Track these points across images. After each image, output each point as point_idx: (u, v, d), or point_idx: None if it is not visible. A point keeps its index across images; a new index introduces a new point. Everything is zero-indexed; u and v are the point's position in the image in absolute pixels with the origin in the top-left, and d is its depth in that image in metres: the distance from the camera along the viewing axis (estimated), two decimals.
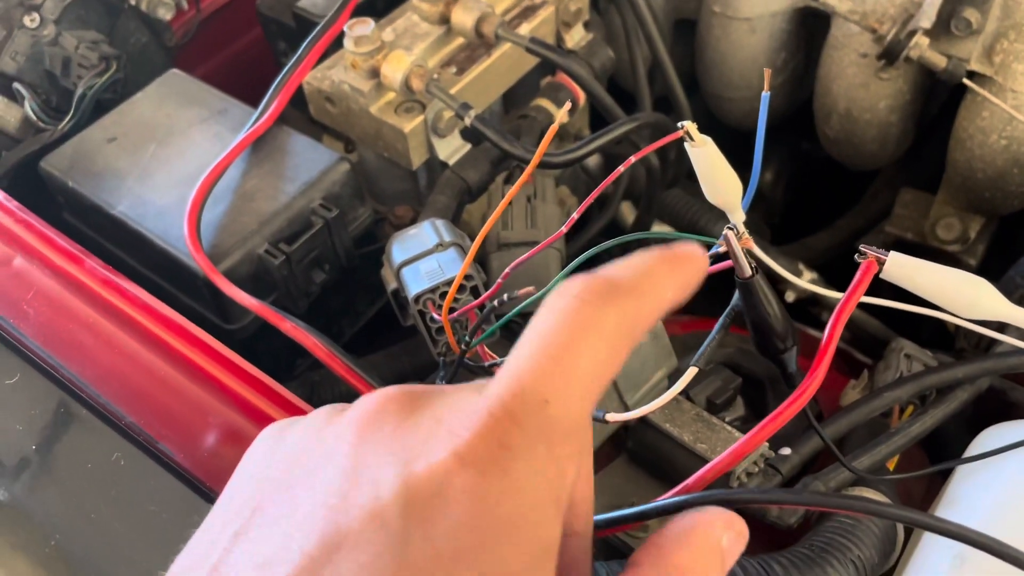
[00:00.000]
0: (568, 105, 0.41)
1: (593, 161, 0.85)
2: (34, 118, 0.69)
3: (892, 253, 0.34)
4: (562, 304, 0.26)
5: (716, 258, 0.36)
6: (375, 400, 0.27)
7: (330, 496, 0.24)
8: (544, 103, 0.75)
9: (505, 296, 0.46)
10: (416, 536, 0.23)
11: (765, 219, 1.04)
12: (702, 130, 0.37)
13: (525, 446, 0.24)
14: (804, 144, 1.01)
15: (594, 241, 0.80)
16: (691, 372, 0.36)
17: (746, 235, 0.35)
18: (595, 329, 0.26)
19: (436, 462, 0.24)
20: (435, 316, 0.50)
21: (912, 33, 0.72)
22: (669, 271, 0.29)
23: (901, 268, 0.34)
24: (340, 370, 0.50)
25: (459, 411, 0.25)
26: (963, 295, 0.34)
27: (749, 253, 0.36)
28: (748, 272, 0.33)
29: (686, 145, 0.39)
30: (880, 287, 0.35)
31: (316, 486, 0.25)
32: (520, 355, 0.25)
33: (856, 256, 0.34)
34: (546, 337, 0.25)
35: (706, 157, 0.40)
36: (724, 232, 0.34)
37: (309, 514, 0.24)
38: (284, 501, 0.25)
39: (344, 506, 0.24)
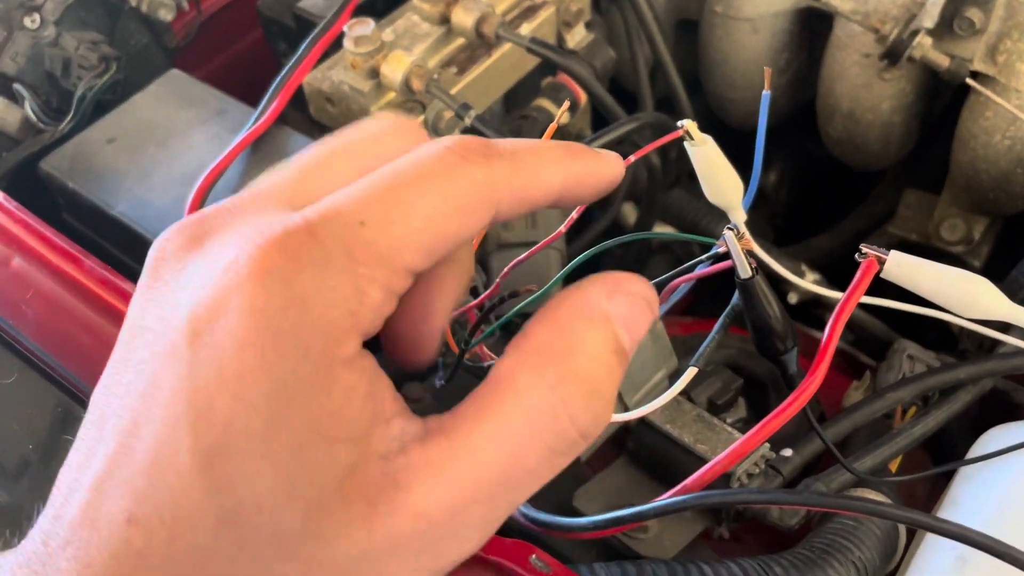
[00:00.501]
0: (567, 104, 0.41)
1: None
2: (34, 119, 0.69)
3: (893, 252, 0.33)
4: (425, 148, 0.25)
5: (716, 258, 0.36)
6: (155, 245, 0.26)
7: (137, 352, 0.24)
8: (545, 103, 0.75)
9: (506, 294, 0.46)
10: (203, 359, 0.22)
11: (768, 220, 1.03)
12: (704, 130, 0.37)
13: (317, 259, 0.23)
14: (808, 145, 1.01)
15: (595, 242, 0.80)
16: (690, 372, 0.35)
17: (747, 235, 0.35)
18: (450, 176, 0.24)
19: (227, 277, 0.23)
20: None
21: (915, 33, 0.72)
22: (561, 155, 0.27)
23: (901, 268, 0.34)
24: None
25: (252, 228, 0.24)
26: (963, 294, 0.34)
27: (749, 253, 0.36)
28: (748, 272, 0.33)
29: (686, 144, 0.39)
30: (883, 288, 0.34)
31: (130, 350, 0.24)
32: (352, 185, 0.24)
33: (856, 256, 0.33)
34: (389, 169, 0.24)
35: (706, 156, 0.40)
36: (724, 232, 0.34)
37: (122, 372, 0.24)
38: (106, 390, 0.25)
39: (149, 352, 0.23)
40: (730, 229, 0.34)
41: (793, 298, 0.80)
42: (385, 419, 0.23)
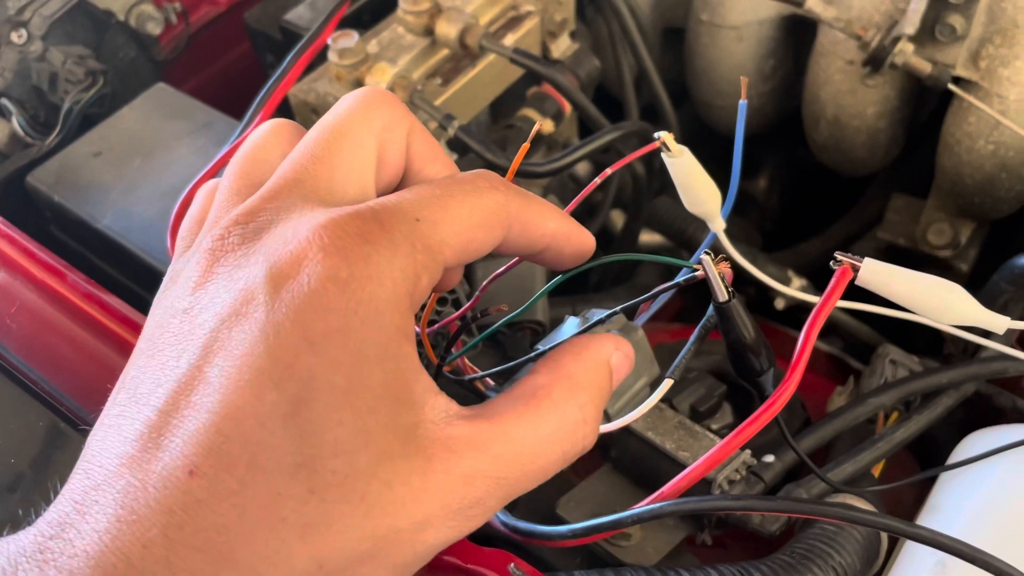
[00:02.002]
0: (538, 125, 0.41)
1: (582, 170, 0.85)
2: (21, 133, 0.69)
3: (867, 260, 0.34)
4: (465, 174, 0.31)
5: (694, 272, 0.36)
6: (205, 246, 0.28)
7: (206, 306, 0.26)
8: (530, 113, 0.75)
9: (478, 313, 0.46)
10: (283, 317, 0.25)
11: (758, 225, 1.04)
12: (692, 138, 0.37)
13: (387, 242, 0.26)
14: (797, 151, 1.01)
15: None
16: (666, 384, 0.36)
17: (728, 248, 0.35)
18: (481, 196, 0.29)
19: (299, 247, 0.26)
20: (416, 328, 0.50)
21: (896, 39, 0.72)
22: (559, 212, 0.32)
23: (875, 275, 0.34)
24: None
25: (323, 213, 0.27)
26: (938, 301, 0.34)
27: (729, 260, 0.36)
28: (725, 297, 0.34)
29: (663, 155, 0.39)
30: (869, 293, 0.35)
31: (195, 307, 0.27)
32: (408, 188, 0.29)
33: (831, 263, 0.34)
34: (439, 182, 0.30)
35: (683, 167, 0.40)
36: (701, 256, 0.34)
37: (190, 326, 0.26)
38: (164, 338, 0.27)
39: (213, 304, 0.26)
40: (708, 253, 0.34)
41: (780, 303, 0.81)
42: (434, 392, 0.27)
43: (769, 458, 0.53)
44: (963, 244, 0.83)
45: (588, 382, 0.30)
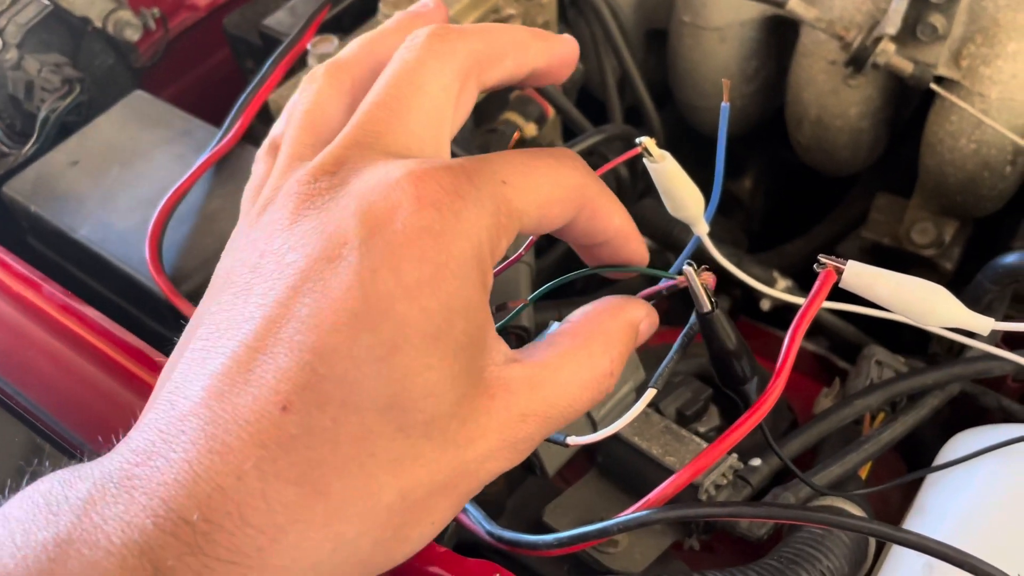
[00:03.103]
0: (517, 135, 0.41)
1: None
2: None
3: (850, 262, 0.33)
4: (551, 150, 0.32)
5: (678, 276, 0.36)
6: (305, 170, 0.29)
7: (295, 247, 0.27)
8: (513, 117, 0.74)
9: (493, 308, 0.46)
10: (381, 265, 0.26)
11: (744, 226, 1.04)
12: (676, 139, 0.37)
13: (477, 199, 0.27)
14: (782, 152, 1.02)
15: (569, 253, 0.80)
16: (649, 394, 0.35)
17: (707, 269, 0.35)
18: (562, 172, 0.31)
19: (392, 194, 0.27)
20: None
21: (878, 39, 0.72)
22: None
23: (859, 277, 0.34)
24: None
25: (414, 163, 0.28)
26: (921, 303, 0.34)
27: (711, 261, 0.36)
28: (707, 307, 0.34)
29: (645, 160, 0.39)
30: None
31: (287, 247, 0.28)
32: (497, 152, 0.30)
33: (815, 266, 0.33)
34: (527, 151, 0.31)
35: (665, 172, 0.40)
36: (684, 268, 0.34)
37: (277, 265, 0.27)
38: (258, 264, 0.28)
39: (303, 244, 0.27)
40: (690, 264, 0.34)
41: (766, 305, 0.81)
42: (497, 339, 0.29)
43: (756, 462, 0.52)
44: (947, 243, 0.83)
45: (619, 339, 0.32)
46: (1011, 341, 0.66)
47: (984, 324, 0.34)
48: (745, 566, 0.47)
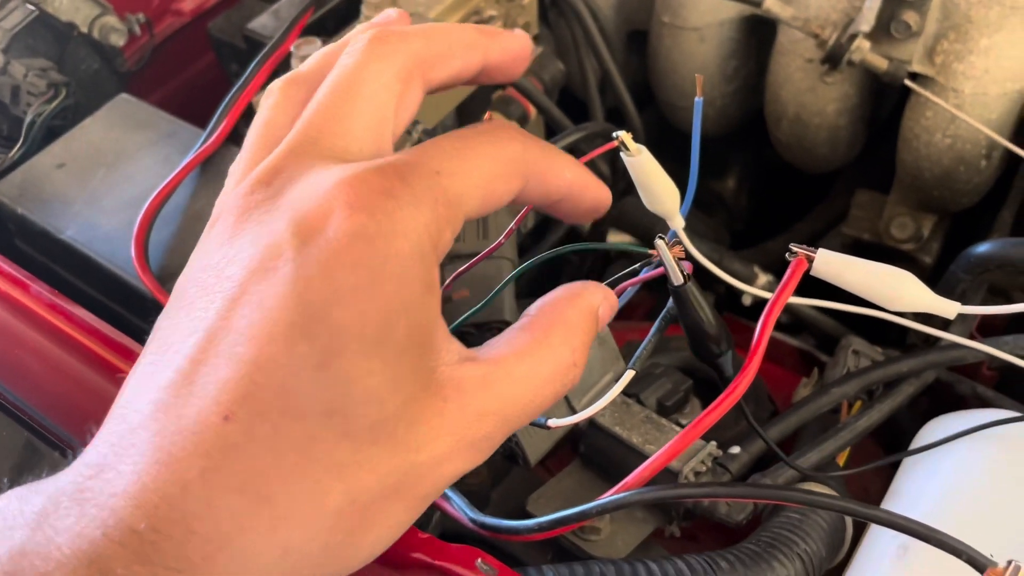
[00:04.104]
0: (488, 116, 0.42)
1: None
2: None
3: (820, 251, 0.34)
4: (480, 125, 0.32)
5: (658, 264, 0.37)
6: (244, 184, 0.29)
7: (232, 260, 0.27)
8: (496, 117, 0.75)
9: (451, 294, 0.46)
10: (311, 271, 0.26)
11: (727, 225, 1.05)
12: (658, 139, 0.38)
13: (411, 198, 0.27)
14: (765, 151, 1.03)
15: (561, 242, 0.81)
16: (628, 375, 0.36)
17: (683, 240, 0.36)
18: (497, 146, 0.31)
19: (324, 202, 0.27)
20: None
21: (853, 37, 0.74)
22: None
23: (829, 265, 0.35)
24: None
25: (345, 169, 0.28)
26: (889, 289, 0.35)
27: (688, 257, 0.37)
28: (680, 280, 0.35)
29: (622, 154, 0.40)
30: (831, 289, 0.35)
31: (223, 260, 0.28)
32: (426, 141, 0.30)
33: (787, 255, 0.34)
34: (454, 134, 0.30)
35: (641, 166, 0.40)
36: (656, 241, 0.35)
37: (217, 279, 0.27)
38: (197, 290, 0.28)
39: (240, 257, 0.27)
40: (661, 238, 0.35)
41: (747, 299, 0.82)
42: (448, 338, 0.29)
43: (735, 450, 0.53)
44: (926, 237, 0.85)
45: (579, 327, 0.32)
46: (986, 331, 0.67)
47: (951, 308, 0.35)
48: (724, 550, 0.48)
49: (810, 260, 0.35)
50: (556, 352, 0.31)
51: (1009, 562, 0.31)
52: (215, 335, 0.26)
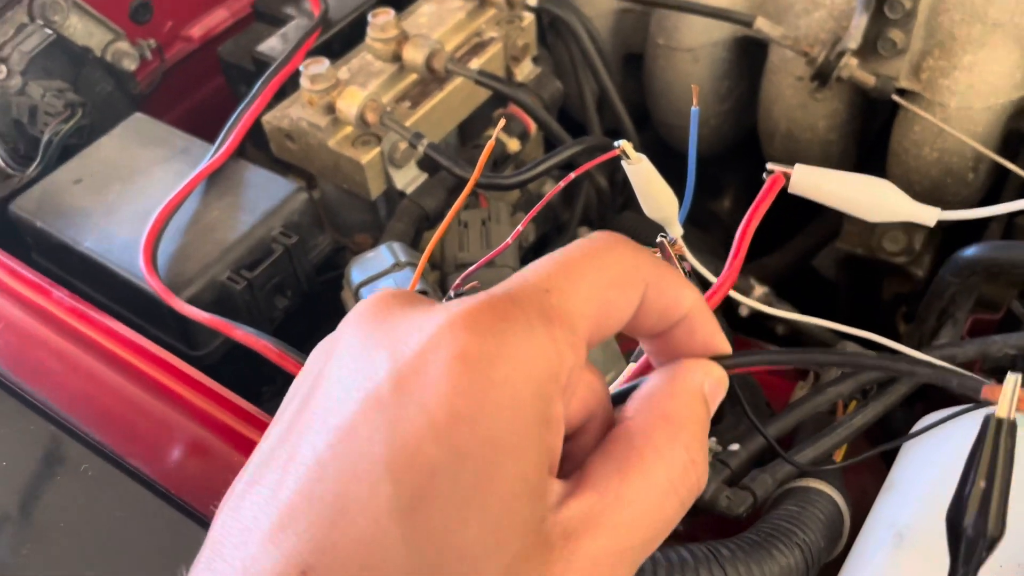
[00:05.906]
0: (503, 122, 0.44)
1: (550, 187, 0.88)
2: (2, 165, 0.71)
3: (798, 165, 0.35)
4: (587, 237, 0.28)
5: None
6: (372, 298, 0.27)
7: (331, 399, 0.25)
8: (497, 134, 0.78)
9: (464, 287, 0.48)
10: (410, 407, 0.23)
11: (724, 243, 1.07)
12: (654, 158, 0.39)
13: (523, 321, 0.24)
14: (760, 170, 1.05)
15: None
16: (629, 369, 0.38)
17: (680, 243, 0.38)
18: (608, 253, 0.27)
19: (428, 336, 0.24)
20: None
21: (841, 54, 0.76)
22: (691, 286, 0.30)
23: (807, 177, 0.35)
24: (293, 369, 0.52)
25: (457, 299, 0.25)
26: (868, 198, 0.35)
27: (683, 259, 0.39)
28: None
29: (623, 163, 0.42)
30: (818, 305, 0.37)
31: (321, 390, 0.25)
32: (533, 262, 0.27)
33: (764, 174, 0.35)
34: (561, 250, 0.27)
35: (641, 174, 0.42)
36: (658, 240, 0.36)
37: (321, 417, 0.24)
38: (300, 421, 0.25)
39: (346, 399, 0.24)
40: (663, 235, 0.37)
41: (744, 311, 0.83)
42: (551, 475, 0.25)
43: (735, 446, 0.55)
44: (918, 250, 0.87)
45: (687, 419, 0.27)
46: (976, 335, 0.69)
47: (930, 215, 0.35)
48: (725, 539, 0.49)
49: (787, 176, 0.35)
50: (666, 457, 0.26)
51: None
52: (311, 477, 0.24)
